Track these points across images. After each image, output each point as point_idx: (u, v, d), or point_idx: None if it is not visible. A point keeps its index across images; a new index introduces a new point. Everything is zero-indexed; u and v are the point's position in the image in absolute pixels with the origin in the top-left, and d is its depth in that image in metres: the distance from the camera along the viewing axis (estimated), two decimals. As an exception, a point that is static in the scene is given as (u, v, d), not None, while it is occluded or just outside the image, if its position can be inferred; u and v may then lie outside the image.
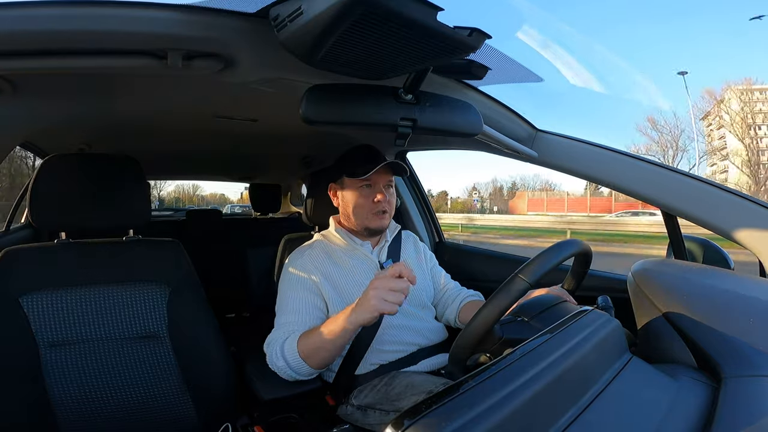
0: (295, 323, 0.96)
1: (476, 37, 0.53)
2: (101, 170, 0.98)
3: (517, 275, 0.66)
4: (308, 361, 0.87)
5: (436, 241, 1.79)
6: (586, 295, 0.94)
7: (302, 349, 0.88)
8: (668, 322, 0.65)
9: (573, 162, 1.01)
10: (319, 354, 0.87)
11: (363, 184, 1.04)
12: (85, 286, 0.94)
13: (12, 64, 0.60)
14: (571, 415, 0.44)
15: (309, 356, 0.87)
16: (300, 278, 1.02)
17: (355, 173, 1.02)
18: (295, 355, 0.88)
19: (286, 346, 0.90)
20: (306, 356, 0.87)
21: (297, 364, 0.88)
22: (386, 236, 1.14)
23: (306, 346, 0.88)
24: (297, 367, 0.88)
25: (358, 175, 1.01)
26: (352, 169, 1.04)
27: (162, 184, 29.04)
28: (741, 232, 0.81)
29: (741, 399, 0.51)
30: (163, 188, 29.78)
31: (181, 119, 1.24)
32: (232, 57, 0.66)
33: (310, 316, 0.97)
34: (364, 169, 1.01)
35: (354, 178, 1.04)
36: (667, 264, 0.79)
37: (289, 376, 0.90)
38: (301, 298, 0.99)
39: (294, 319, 0.97)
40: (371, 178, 1.03)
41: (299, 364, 0.88)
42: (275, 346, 0.91)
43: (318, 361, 0.88)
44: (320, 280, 1.01)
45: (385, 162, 1.02)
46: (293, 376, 0.90)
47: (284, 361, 0.89)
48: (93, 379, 0.92)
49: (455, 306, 1.14)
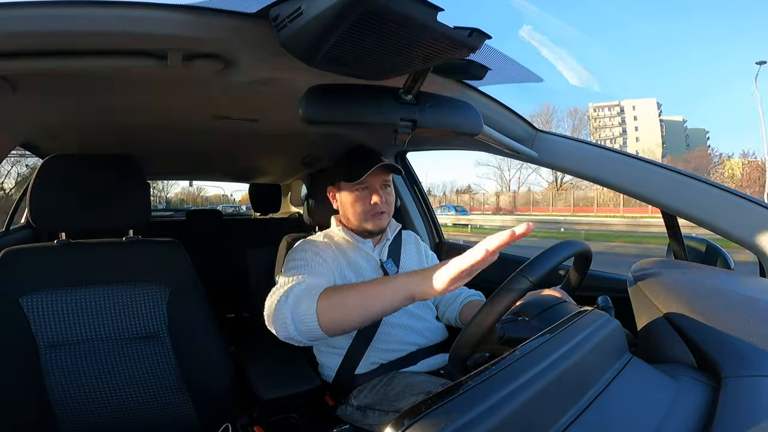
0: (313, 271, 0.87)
1: (476, 37, 0.53)
2: (101, 170, 0.98)
3: (519, 274, 0.66)
4: (322, 317, 0.71)
5: (437, 242, 1.79)
6: (586, 295, 0.94)
7: (326, 298, 0.72)
8: (668, 323, 0.65)
9: (573, 162, 1.01)
10: (344, 312, 0.71)
11: (359, 187, 1.04)
12: (85, 286, 0.94)
13: (12, 64, 0.60)
14: (571, 415, 0.44)
15: (329, 310, 0.71)
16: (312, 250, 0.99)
17: (350, 178, 1.02)
18: (312, 304, 0.72)
19: (305, 298, 0.74)
20: (324, 309, 0.71)
21: (308, 318, 0.72)
22: (387, 235, 1.14)
23: (332, 298, 0.72)
24: (303, 316, 0.72)
25: (353, 180, 1.01)
26: (347, 173, 1.03)
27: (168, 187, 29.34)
28: (741, 232, 0.81)
29: (741, 399, 0.51)
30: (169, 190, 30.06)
31: (181, 119, 1.24)
32: (232, 57, 0.66)
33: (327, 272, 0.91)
34: (357, 173, 1.00)
35: (349, 182, 1.04)
36: (667, 264, 0.79)
37: (284, 329, 0.75)
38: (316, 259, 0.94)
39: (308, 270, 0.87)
40: (367, 180, 1.02)
41: (309, 320, 0.72)
42: (288, 290, 0.78)
43: (333, 321, 0.71)
44: (332, 262, 1.00)
45: (378, 165, 1.00)
46: (289, 332, 0.74)
47: (291, 307, 0.74)
48: (93, 379, 0.92)
49: (456, 306, 1.14)
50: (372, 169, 0.99)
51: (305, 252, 0.98)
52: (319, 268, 0.92)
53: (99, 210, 0.97)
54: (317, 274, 0.88)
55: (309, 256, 0.96)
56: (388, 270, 1.06)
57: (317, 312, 0.71)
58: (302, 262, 0.94)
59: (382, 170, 1.04)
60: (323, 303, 0.72)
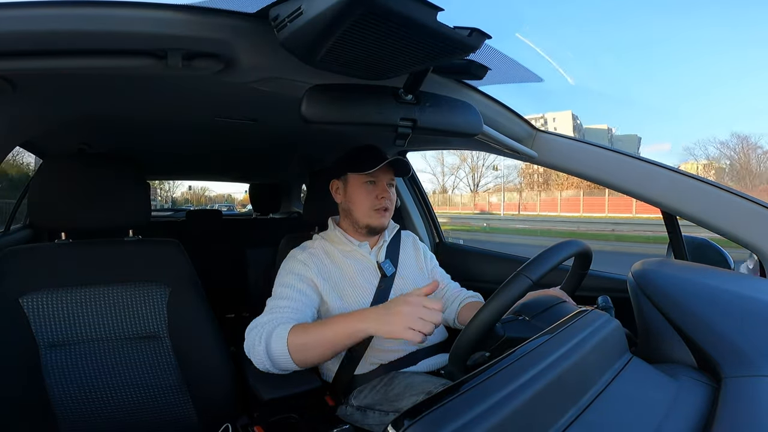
0: (288, 309, 0.91)
1: (476, 37, 0.53)
2: (101, 170, 0.98)
3: (520, 273, 0.66)
4: (294, 356, 0.80)
5: (437, 242, 1.79)
6: (586, 295, 0.94)
7: (293, 340, 0.80)
8: (668, 322, 0.65)
9: (573, 162, 1.01)
10: (311, 352, 0.80)
11: (367, 180, 1.06)
12: (85, 286, 0.94)
13: (12, 64, 0.60)
14: (571, 416, 0.44)
15: (297, 350, 0.79)
16: (298, 272, 1.01)
17: (361, 168, 1.03)
18: (282, 345, 0.79)
19: (275, 333, 0.82)
20: (294, 350, 0.79)
21: (279, 353, 0.80)
22: (384, 236, 1.14)
23: (298, 339, 0.80)
24: (277, 357, 0.80)
25: (364, 170, 1.02)
26: (357, 165, 1.04)
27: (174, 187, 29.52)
28: (741, 232, 0.81)
29: (741, 399, 0.51)
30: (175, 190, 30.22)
31: (181, 119, 1.24)
32: (232, 57, 0.66)
33: (304, 307, 0.94)
34: (369, 164, 1.02)
35: (359, 174, 1.05)
36: (667, 264, 0.79)
37: (262, 365, 0.83)
38: (297, 289, 0.97)
39: (284, 304, 0.92)
40: (376, 174, 1.05)
41: (281, 355, 0.80)
42: (261, 330, 0.84)
43: (305, 359, 0.81)
44: (318, 278, 1.01)
45: (391, 158, 1.03)
46: (266, 367, 0.82)
47: (264, 348, 0.81)
48: (93, 379, 0.92)
49: (455, 306, 1.14)
50: (386, 161, 1.02)
51: (290, 276, 1.00)
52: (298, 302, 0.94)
53: (99, 210, 0.97)
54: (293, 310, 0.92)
55: (294, 284, 0.97)
56: (386, 270, 1.06)
57: (290, 353, 0.80)
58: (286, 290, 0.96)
59: (390, 170, 1.07)
60: (292, 344, 0.80)
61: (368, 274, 1.07)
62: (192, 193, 29.42)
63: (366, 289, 1.04)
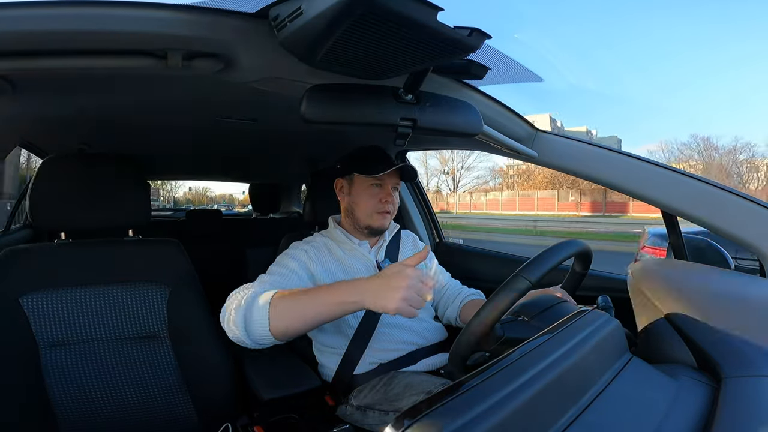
0: (277, 283, 0.88)
1: (476, 37, 0.53)
2: (101, 170, 0.98)
3: (518, 274, 0.66)
4: (273, 322, 0.72)
5: (436, 242, 1.79)
6: (586, 295, 0.94)
7: (276, 303, 0.73)
8: (668, 322, 0.65)
9: (573, 162, 1.01)
10: (294, 319, 0.72)
11: (374, 182, 1.06)
12: (84, 286, 0.94)
13: (12, 64, 0.60)
14: (571, 415, 0.44)
15: (279, 316, 0.72)
16: (297, 257, 1.00)
17: (369, 171, 1.03)
18: (264, 309, 0.73)
19: (259, 297, 0.75)
20: (275, 315, 0.72)
21: (258, 317, 0.73)
22: (384, 236, 1.14)
23: (282, 302, 0.73)
24: (254, 322, 0.73)
25: (372, 173, 1.02)
26: (365, 167, 1.05)
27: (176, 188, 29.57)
28: (741, 232, 0.81)
29: (741, 399, 0.51)
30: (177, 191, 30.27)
31: (181, 119, 1.24)
32: (232, 57, 0.66)
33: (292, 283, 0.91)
34: (377, 168, 1.02)
35: (366, 176, 1.05)
36: (667, 264, 0.79)
37: (235, 333, 0.76)
38: (291, 269, 0.95)
39: (276, 279, 0.90)
40: (382, 178, 1.05)
41: (259, 319, 0.73)
42: (244, 293, 0.78)
43: (285, 327, 0.73)
44: (318, 267, 1.01)
45: (400, 165, 1.04)
46: (238, 335, 0.75)
47: (244, 312, 0.74)
48: (93, 379, 0.92)
49: (456, 305, 1.14)
50: (394, 167, 1.02)
51: (288, 258, 1.00)
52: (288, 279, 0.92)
53: (99, 210, 0.97)
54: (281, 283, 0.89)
55: (289, 264, 0.97)
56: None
57: (269, 317, 0.72)
58: (279, 269, 0.95)
59: (396, 174, 1.07)
60: (274, 308, 0.73)
61: (368, 272, 1.07)
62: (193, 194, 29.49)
63: None
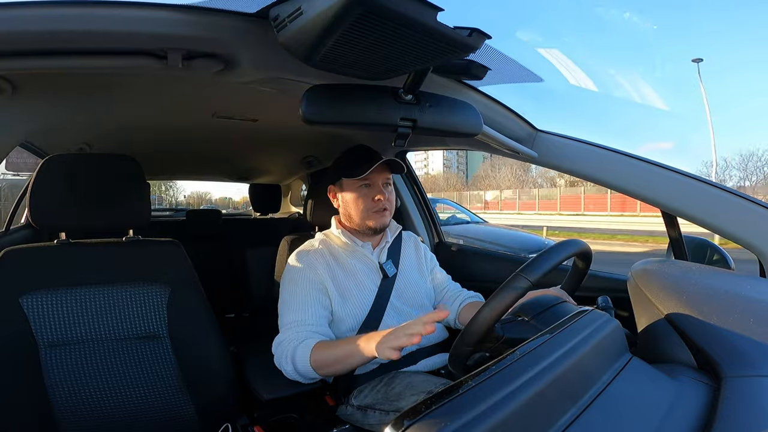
0: (304, 323, 0.96)
1: (476, 37, 0.53)
2: (101, 170, 0.98)
3: (519, 274, 0.66)
4: (319, 372, 0.90)
5: (436, 242, 1.79)
6: (586, 295, 0.94)
7: (315, 359, 0.89)
8: (668, 323, 0.65)
9: (573, 162, 1.01)
10: (332, 368, 0.90)
11: (362, 183, 1.04)
12: (85, 286, 0.94)
13: (12, 64, 0.60)
14: (571, 415, 0.44)
15: (321, 368, 0.89)
16: (306, 275, 1.01)
17: (353, 174, 1.02)
18: (306, 364, 0.89)
19: (298, 353, 0.90)
20: (317, 367, 0.89)
21: (306, 371, 0.90)
22: (387, 237, 1.14)
23: (320, 358, 0.89)
24: (305, 373, 0.91)
25: (356, 175, 1.01)
26: (350, 170, 1.03)
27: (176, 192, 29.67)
28: (741, 232, 0.81)
29: (741, 399, 0.51)
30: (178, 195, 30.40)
31: (181, 119, 1.24)
32: (232, 57, 0.66)
33: (317, 315, 0.97)
34: (361, 169, 1.00)
35: (352, 179, 1.04)
36: (667, 264, 0.79)
37: (294, 377, 0.93)
38: (308, 294, 0.99)
39: (301, 317, 0.96)
40: (370, 177, 1.03)
41: (308, 371, 0.90)
42: (286, 350, 0.92)
43: (329, 372, 0.91)
44: (326, 278, 1.01)
45: (383, 160, 1.02)
46: (298, 378, 0.92)
47: (293, 367, 0.91)
48: (93, 380, 0.92)
49: (455, 307, 1.14)
50: (377, 164, 1.00)
51: (296, 274, 1.02)
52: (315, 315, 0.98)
53: (99, 210, 0.97)
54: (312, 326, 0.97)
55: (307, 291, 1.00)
56: (387, 271, 1.06)
57: (312, 367, 0.89)
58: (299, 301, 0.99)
59: (385, 168, 1.05)
60: (315, 360, 0.89)
61: (371, 274, 1.07)
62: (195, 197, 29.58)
63: (368, 289, 1.04)
